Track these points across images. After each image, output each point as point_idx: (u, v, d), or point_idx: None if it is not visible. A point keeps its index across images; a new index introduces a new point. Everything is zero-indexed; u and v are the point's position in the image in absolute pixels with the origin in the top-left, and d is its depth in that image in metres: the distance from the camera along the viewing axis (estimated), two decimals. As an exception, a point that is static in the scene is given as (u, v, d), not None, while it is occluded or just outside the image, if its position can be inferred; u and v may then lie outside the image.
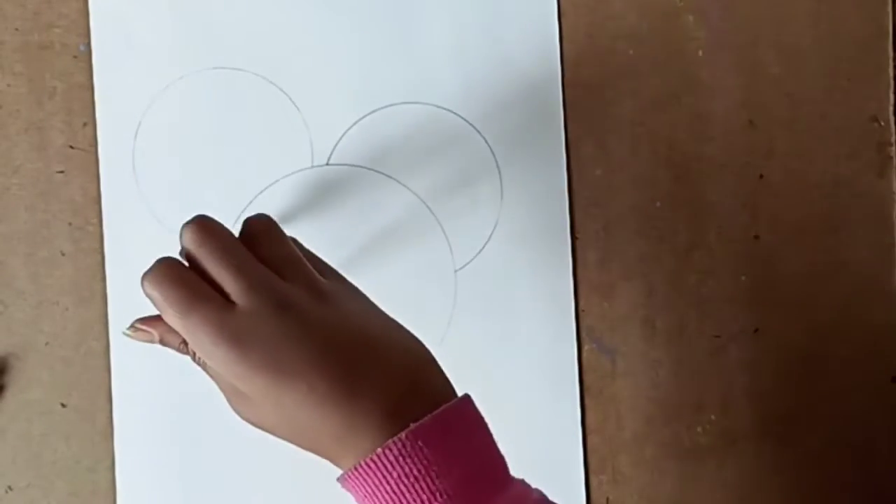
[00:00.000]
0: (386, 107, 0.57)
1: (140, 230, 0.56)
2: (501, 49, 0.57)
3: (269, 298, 0.41)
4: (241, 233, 0.45)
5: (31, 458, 0.56)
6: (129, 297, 0.56)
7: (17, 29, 0.56)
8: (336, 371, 0.40)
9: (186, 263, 0.43)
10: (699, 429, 0.57)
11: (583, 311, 0.57)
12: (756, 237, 0.58)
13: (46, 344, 0.56)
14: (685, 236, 0.57)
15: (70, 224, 0.56)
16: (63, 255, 0.56)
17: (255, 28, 0.56)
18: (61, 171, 0.56)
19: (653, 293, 0.57)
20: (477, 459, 0.41)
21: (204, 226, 0.43)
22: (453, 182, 0.57)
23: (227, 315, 0.41)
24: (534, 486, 0.44)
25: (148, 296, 0.42)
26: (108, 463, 0.56)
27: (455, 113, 0.57)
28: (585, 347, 0.57)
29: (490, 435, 0.43)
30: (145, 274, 0.42)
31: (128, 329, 0.46)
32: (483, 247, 0.57)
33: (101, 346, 0.56)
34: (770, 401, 0.57)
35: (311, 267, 0.44)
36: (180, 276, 0.42)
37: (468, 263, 0.57)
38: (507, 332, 0.57)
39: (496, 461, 0.42)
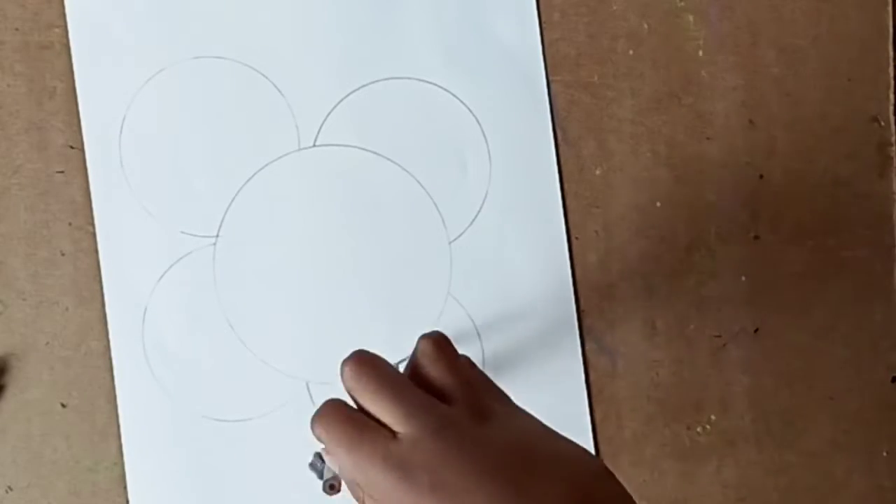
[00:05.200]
0: (368, 84, 0.57)
1: (132, 224, 0.56)
2: (480, 18, 0.57)
3: (427, 422, 0.41)
4: (413, 353, 0.45)
5: (31, 459, 0.56)
6: (125, 292, 0.56)
7: (17, 29, 0.56)
8: (502, 487, 0.40)
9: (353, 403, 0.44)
10: (699, 429, 0.57)
11: (583, 311, 0.57)
12: (756, 237, 0.58)
13: (46, 344, 0.56)
14: (685, 236, 0.57)
15: (70, 224, 0.56)
16: (63, 255, 0.56)
17: (233, 15, 0.56)
18: (61, 171, 0.56)
19: (653, 293, 0.57)
20: None
21: (360, 361, 0.43)
22: (440, 153, 0.57)
23: (391, 444, 0.41)
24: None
25: (317, 437, 0.43)
26: (107, 463, 0.56)
27: (437, 85, 0.57)
28: (585, 347, 0.57)
29: None
30: (313, 417, 0.43)
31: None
32: (475, 216, 0.57)
33: (101, 346, 0.56)
34: (770, 401, 0.57)
35: (477, 388, 0.44)
36: (345, 415, 0.42)
37: (462, 234, 0.57)
38: (504, 298, 0.57)
39: None
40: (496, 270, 0.57)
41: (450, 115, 0.57)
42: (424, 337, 0.45)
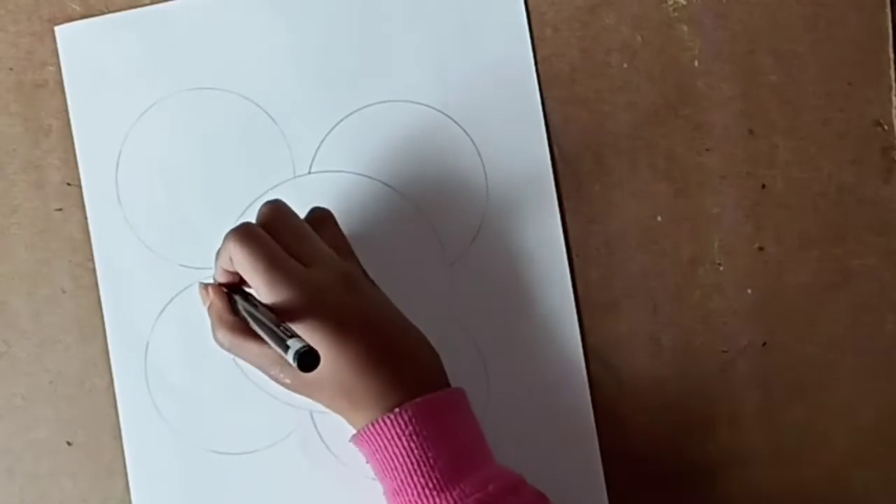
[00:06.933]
0: (361, 108, 0.56)
1: (131, 259, 0.56)
2: (471, 37, 0.56)
3: (334, 266, 0.49)
4: (306, 218, 0.52)
5: (38, 498, 0.56)
6: (126, 327, 0.56)
7: (11, 68, 0.56)
8: (385, 338, 0.48)
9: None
10: (709, 447, 0.56)
11: (586, 329, 0.56)
12: (760, 248, 0.56)
13: (50, 382, 0.56)
14: (688, 250, 0.56)
15: (70, 261, 0.56)
16: (64, 292, 0.56)
17: (224, 45, 0.56)
18: (59, 209, 0.56)
19: (657, 310, 0.56)
20: (471, 436, 0.49)
21: (280, 205, 0.50)
22: (436, 175, 0.56)
23: (306, 273, 0.47)
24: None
25: (232, 251, 0.47)
26: (115, 500, 0.56)
27: (431, 107, 0.56)
28: (590, 367, 0.56)
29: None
30: (231, 232, 0.47)
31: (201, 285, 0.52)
32: (474, 238, 0.56)
33: (104, 382, 0.56)
34: (782, 416, 0.56)
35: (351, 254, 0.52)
36: (264, 237, 0.48)
37: (461, 256, 0.56)
38: (506, 320, 0.56)
39: (484, 443, 0.50)
40: (497, 291, 0.56)
41: (444, 136, 0.56)
42: (315, 208, 0.53)
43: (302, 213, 0.55)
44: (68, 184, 0.56)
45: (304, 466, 0.55)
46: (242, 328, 0.49)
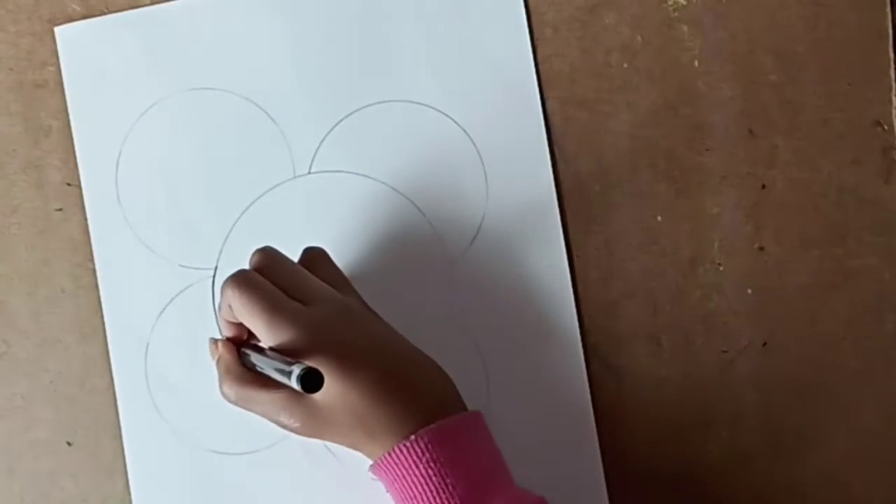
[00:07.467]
0: (361, 108, 0.56)
1: (131, 260, 0.56)
2: (471, 37, 0.56)
3: (334, 302, 0.49)
4: (300, 259, 0.52)
5: (38, 498, 0.56)
6: (126, 327, 0.56)
7: (11, 69, 0.56)
8: (393, 366, 0.48)
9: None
10: (710, 447, 0.56)
11: (586, 329, 0.56)
12: (761, 249, 0.56)
13: (51, 382, 0.56)
14: (688, 250, 0.56)
15: (70, 261, 0.56)
16: (63, 292, 0.56)
17: (224, 46, 0.57)
18: (59, 209, 0.56)
19: (657, 310, 0.56)
20: (490, 459, 0.48)
21: (271, 251, 0.50)
22: (436, 175, 0.56)
23: (306, 311, 0.47)
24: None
25: (231, 299, 0.47)
26: (115, 500, 0.56)
27: (430, 106, 0.56)
28: (590, 367, 0.56)
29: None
30: (228, 281, 0.47)
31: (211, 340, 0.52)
32: (474, 238, 0.56)
33: (104, 382, 0.56)
34: (782, 416, 0.56)
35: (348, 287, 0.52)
36: (261, 280, 0.48)
37: (461, 256, 0.56)
38: (506, 319, 0.56)
39: (504, 466, 0.49)
40: (497, 291, 0.56)
41: (444, 136, 0.56)
42: (308, 248, 0.52)
43: (302, 212, 0.55)
44: (68, 184, 0.56)
45: (304, 466, 0.56)
46: (250, 379, 0.49)
